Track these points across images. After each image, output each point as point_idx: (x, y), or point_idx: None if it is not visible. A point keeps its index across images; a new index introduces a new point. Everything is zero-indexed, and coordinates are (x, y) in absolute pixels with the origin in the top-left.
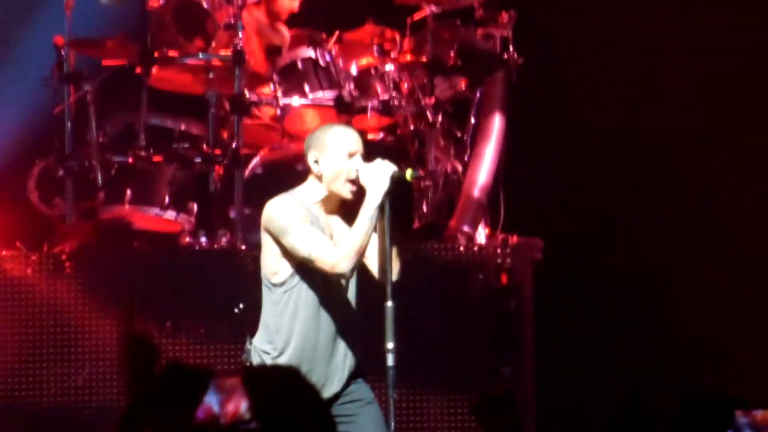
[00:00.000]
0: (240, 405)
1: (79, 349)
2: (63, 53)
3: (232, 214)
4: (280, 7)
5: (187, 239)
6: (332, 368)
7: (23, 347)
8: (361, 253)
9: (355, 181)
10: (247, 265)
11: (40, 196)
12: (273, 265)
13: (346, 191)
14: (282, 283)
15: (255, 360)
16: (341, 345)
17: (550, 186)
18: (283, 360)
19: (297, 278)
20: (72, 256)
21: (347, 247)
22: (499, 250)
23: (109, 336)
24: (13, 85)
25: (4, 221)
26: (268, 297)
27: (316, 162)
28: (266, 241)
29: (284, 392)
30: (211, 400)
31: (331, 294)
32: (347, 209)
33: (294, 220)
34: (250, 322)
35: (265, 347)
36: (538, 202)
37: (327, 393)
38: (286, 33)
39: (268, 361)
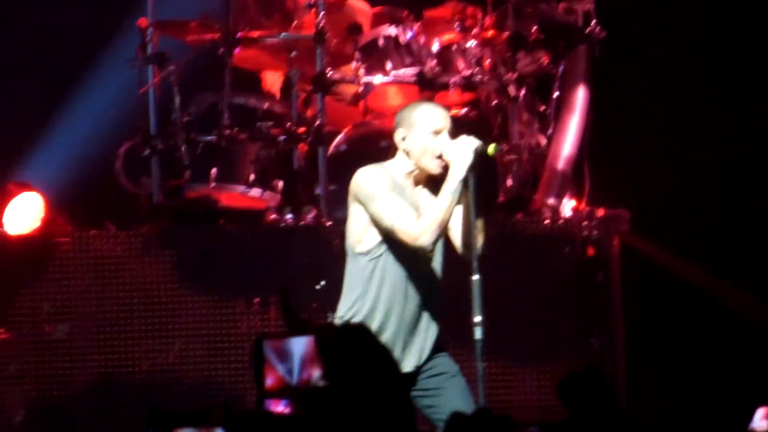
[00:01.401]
0: (314, 368)
1: (168, 327)
2: (147, 35)
3: (317, 191)
4: None
5: (273, 216)
6: (416, 340)
7: (114, 325)
8: (443, 227)
9: (440, 157)
10: (332, 242)
11: (127, 176)
12: (359, 233)
13: (434, 167)
14: (367, 252)
15: None
16: (425, 317)
17: (636, 157)
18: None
19: (384, 247)
20: (159, 234)
21: (429, 220)
22: (585, 223)
23: (197, 313)
24: (99, 68)
25: (92, 201)
26: (352, 265)
27: (403, 139)
28: (353, 208)
29: (360, 354)
30: (287, 367)
31: (418, 266)
32: (436, 185)
33: (380, 189)
34: (336, 298)
35: (348, 315)
36: (624, 173)
37: (410, 365)
38: (365, 8)
39: None
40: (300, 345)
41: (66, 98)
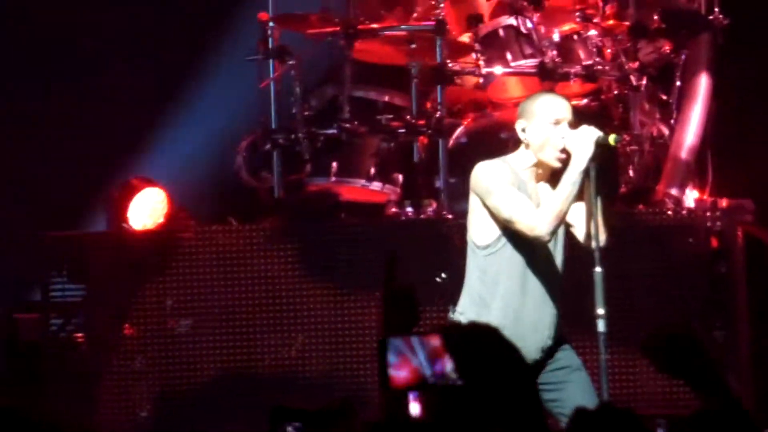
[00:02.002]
0: (445, 363)
1: (290, 321)
2: (267, 29)
3: (438, 184)
4: None
5: (394, 210)
6: (538, 335)
7: (236, 319)
8: (562, 218)
9: (562, 149)
10: (453, 234)
11: (249, 170)
12: (479, 227)
13: (554, 159)
14: (486, 246)
15: None
16: (547, 312)
17: (761, 146)
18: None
19: (503, 241)
20: (281, 229)
21: (547, 211)
22: (708, 213)
23: (319, 307)
24: (221, 63)
25: (214, 196)
26: (471, 261)
27: (523, 130)
28: (473, 203)
29: (485, 349)
30: (419, 361)
31: (537, 260)
32: (558, 180)
33: (499, 182)
34: (455, 291)
35: (470, 315)
36: (748, 163)
37: (532, 360)
38: (484, 1)
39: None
40: (425, 341)
41: (188, 93)
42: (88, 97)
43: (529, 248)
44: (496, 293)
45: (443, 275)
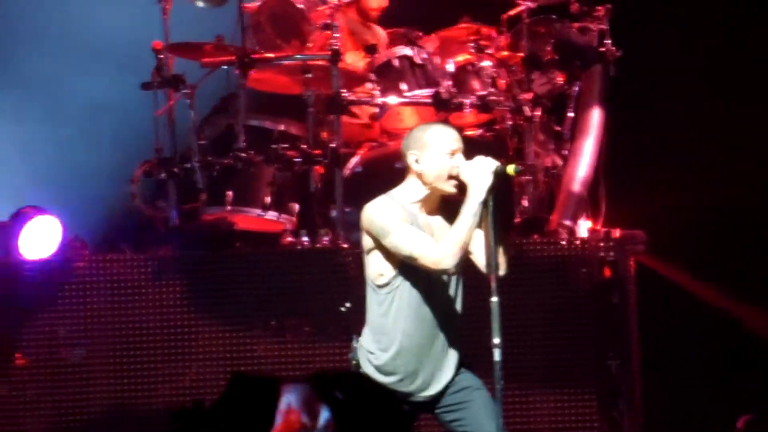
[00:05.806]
0: (318, 411)
1: (185, 350)
2: (162, 57)
3: (333, 213)
4: (370, 5)
5: (289, 239)
6: (438, 365)
7: (130, 349)
8: (464, 249)
9: (456, 178)
10: (348, 264)
11: (143, 199)
12: (376, 267)
13: (449, 187)
14: (386, 284)
15: (362, 359)
16: (446, 341)
17: (652, 178)
18: (388, 358)
19: (400, 279)
20: (176, 257)
21: (450, 243)
22: (601, 244)
23: (214, 336)
24: (114, 91)
25: (109, 225)
26: (372, 298)
27: (417, 161)
28: (367, 243)
29: (362, 400)
30: (294, 406)
31: (435, 291)
32: (448, 207)
33: (393, 221)
34: (354, 321)
35: (371, 347)
36: (639, 194)
37: (434, 389)
38: (380, 32)
39: (374, 361)
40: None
41: (82, 120)
42: None
43: (426, 282)
44: (398, 328)
45: (347, 305)
